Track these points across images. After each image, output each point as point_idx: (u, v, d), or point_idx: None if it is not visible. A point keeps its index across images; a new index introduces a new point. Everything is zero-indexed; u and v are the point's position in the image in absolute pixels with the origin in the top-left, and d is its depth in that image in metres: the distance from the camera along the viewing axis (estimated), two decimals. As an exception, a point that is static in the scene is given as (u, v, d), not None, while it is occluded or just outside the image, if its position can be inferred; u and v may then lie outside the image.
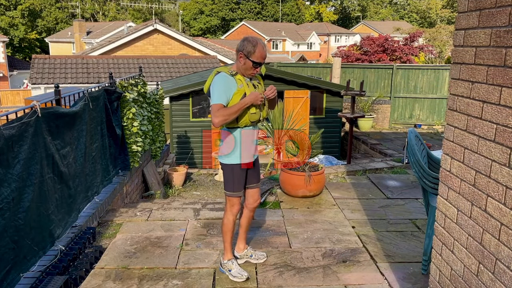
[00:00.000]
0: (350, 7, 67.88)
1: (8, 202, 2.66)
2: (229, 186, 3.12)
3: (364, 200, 5.02)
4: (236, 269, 3.20)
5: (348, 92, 7.72)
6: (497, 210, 1.78)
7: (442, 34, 23.13)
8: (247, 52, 2.88)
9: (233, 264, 3.22)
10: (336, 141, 10.67)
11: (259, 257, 3.45)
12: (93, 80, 15.90)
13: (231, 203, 3.16)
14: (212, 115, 2.87)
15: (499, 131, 1.76)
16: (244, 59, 2.91)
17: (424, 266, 3.21)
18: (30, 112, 2.98)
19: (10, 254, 2.72)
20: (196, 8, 58.16)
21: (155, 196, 5.98)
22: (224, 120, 2.86)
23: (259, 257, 3.45)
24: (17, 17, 43.60)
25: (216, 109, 2.86)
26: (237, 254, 3.42)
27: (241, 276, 3.16)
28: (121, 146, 5.02)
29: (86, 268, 3.27)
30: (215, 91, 2.89)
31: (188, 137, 9.76)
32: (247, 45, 2.88)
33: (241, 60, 2.93)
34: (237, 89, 2.91)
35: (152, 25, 21.10)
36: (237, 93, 2.91)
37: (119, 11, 52.79)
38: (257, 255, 3.44)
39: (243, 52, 2.89)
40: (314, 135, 5.71)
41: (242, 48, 2.89)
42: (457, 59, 2.06)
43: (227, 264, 3.22)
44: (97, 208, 4.22)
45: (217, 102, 2.87)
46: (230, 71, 2.96)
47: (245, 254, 3.42)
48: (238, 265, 3.24)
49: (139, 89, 5.71)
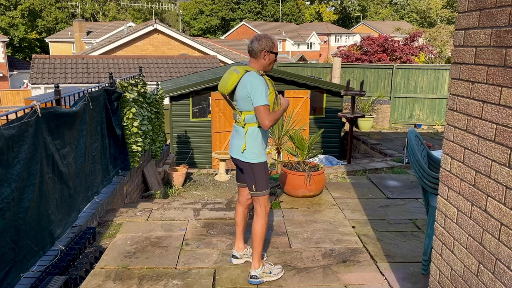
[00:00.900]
0: (350, 7, 67.90)
1: (8, 202, 2.66)
2: (264, 184, 3.05)
3: (364, 200, 5.02)
4: (274, 266, 3.20)
5: (348, 92, 7.72)
6: (497, 210, 1.78)
7: (442, 34, 23.12)
8: (269, 47, 2.96)
9: (268, 264, 3.21)
10: (336, 141, 10.67)
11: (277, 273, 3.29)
12: (93, 80, 15.90)
13: (266, 202, 3.08)
14: (263, 117, 2.83)
15: (499, 131, 1.76)
16: (268, 55, 2.97)
17: (424, 266, 3.21)
18: (30, 112, 2.98)
19: (10, 254, 2.72)
20: (196, 8, 58.17)
21: (155, 196, 5.99)
22: (274, 123, 2.91)
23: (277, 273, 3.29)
24: (17, 17, 43.62)
25: (267, 111, 2.85)
26: (236, 253, 3.40)
27: (281, 269, 3.23)
28: (121, 146, 5.02)
29: (86, 268, 3.27)
30: (258, 91, 2.85)
31: (188, 137, 9.76)
32: (266, 42, 2.95)
33: (266, 57, 2.97)
34: (270, 89, 2.94)
35: (152, 25, 21.11)
36: (270, 94, 2.93)
37: (119, 11, 52.79)
38: None
39: (266, 49, 2.95)
40: (314, 135, 5.71)
41: (263, 46, 2.94)
42: (457, 59, 2.06)
43: (264, 269, 3.13)
44: (97, 208, 4.22)
45: (265, 103, 2.84)
46: (257, 71, 2.96)
47: (244, 254, 3.40)
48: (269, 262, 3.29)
49: (139, 89, 5.71)
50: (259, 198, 3.07)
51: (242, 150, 3.01)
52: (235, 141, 3.09)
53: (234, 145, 3.10)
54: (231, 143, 3.16)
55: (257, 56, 2.97)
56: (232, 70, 2.99)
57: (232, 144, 3.13)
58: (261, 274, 3.10)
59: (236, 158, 3.09)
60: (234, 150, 3.10)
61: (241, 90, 2.93)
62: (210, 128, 9.82)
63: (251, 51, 2.98)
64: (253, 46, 2.95)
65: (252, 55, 3.00)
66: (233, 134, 3.15)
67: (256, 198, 3.09)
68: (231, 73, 2.98)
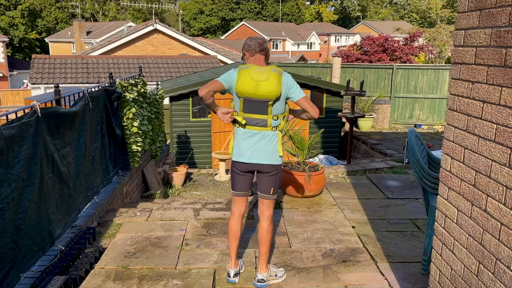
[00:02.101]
0: (350, 7, 67.91)
1: (8, 202, 2.66)
2: (278, 186, 3.11)
3: (364, 200, 5.02)
4: (278, 269, 3.22)
5: (348, 92, 7.71)
6: (497, 210, 1.78)
7: (442, 34, 23.13)
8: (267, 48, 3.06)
9: (272, 267, 3.21)
10: (336, 141, 10.67)
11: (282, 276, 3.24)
12: (93, 80, 15.90)
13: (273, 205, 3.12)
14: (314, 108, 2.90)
15: (499, 131, 1.76)
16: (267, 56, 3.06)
17: (424, 266, 3.21)
18: (30, 112, 2.98)
19: (10, 254, 2.72)
20: (196, 8, 58.19)
21: (155, 196, 5.98)
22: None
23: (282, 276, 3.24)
24: (17, 17, 43.63)
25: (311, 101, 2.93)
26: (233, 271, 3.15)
27: (284, 272, 3.23)
28: (121, 146, 5.02)
29: (86, 268, 3.27)
30: (295, 84, 2.91)
31: (188, 137, 9.76)
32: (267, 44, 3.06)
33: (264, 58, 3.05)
34: None
35: (152, 25, 21.11)
36: None
37: (119, 11, 52.79)
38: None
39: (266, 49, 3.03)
40: (314, 135, 5.71)
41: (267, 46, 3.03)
42: (457, 59, 2.06)
43: (270, 272, 3.13)
44: (97, 208, 4.22)
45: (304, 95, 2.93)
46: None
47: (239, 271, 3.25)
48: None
49: (139, 89, 5.71)
50: (272, 201, 3.05)
51: (280, 154, 2.96)
52: (263, 146, 2.91)
53: (262, 150, 2.91)
54: (256, 149, 2.92)
55: (268, 56, 3.04)
56: (270, 70, 2.84)
57: (258, 149, 2.92)
58: (268, 277, 3.10)
59: (264, 164, 2.94)
60: (263, 155, 2.92)
61: (284, 90, 2.87)
62: (210, 128, 9.82)
63: (266, 51, 2.99)
64: (266, 46, 2.99)
65: (265, 55, 2.99)
66: (256, 140, 2.92)
67: (269, 202, 3.03)
68: (274, 74, 2.83)
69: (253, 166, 2.98)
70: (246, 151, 2.95)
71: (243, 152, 2.96)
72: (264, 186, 3.01)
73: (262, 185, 3.02)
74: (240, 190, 3.10)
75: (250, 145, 2.94)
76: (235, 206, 3.15)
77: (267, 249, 3.06)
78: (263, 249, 3.06)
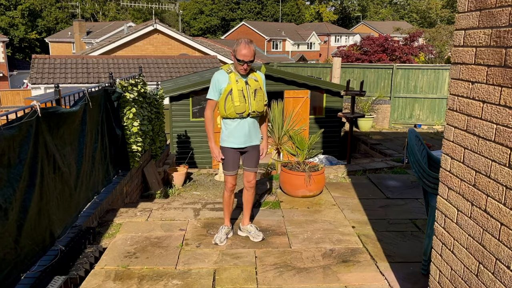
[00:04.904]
0: (350, 7, 67.91)
1: (10, 202, 2.66)
2: None
3: (364, 200, 5.02)
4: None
5: (348, 92, 7.72)
6: (497, 210, 1.78)
7: (442, 34, 23.11)
8: (233, 50, 3.39)
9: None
10: (336, 141, 10.67)
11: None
12: (93, 80, 15.90)
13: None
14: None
15: (499, 131, 1.76)
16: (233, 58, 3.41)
17: (424, 266, 3.21)
18: (30, 112, 2.98)
19: (11, 254, 2.72)
20: (196, 8, 58.20)
21: (155, 196, 5.98)
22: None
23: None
24: (17, 17, 43.63)
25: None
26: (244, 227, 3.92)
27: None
28: (121, 146, 5.02)
29: (86, 268, 3.27)
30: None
31: (188, 137, 9.76)
32: (235, 45, 3.39)
33: (233, 58, 3.43)
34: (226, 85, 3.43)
35: (152, 25, 21.11)
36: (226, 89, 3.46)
37: (119, 11, 52.81)
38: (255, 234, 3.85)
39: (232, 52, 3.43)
40: (314, 135, 5.71)
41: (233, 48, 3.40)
42: (457, 59, 2.06)
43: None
44: (97, 208, 4.22)
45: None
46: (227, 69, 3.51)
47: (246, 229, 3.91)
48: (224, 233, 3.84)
49: (139, 89, 5.71)
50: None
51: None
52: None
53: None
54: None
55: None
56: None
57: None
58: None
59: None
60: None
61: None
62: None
63: None
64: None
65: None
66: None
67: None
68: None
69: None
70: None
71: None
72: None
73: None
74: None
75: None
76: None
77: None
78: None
